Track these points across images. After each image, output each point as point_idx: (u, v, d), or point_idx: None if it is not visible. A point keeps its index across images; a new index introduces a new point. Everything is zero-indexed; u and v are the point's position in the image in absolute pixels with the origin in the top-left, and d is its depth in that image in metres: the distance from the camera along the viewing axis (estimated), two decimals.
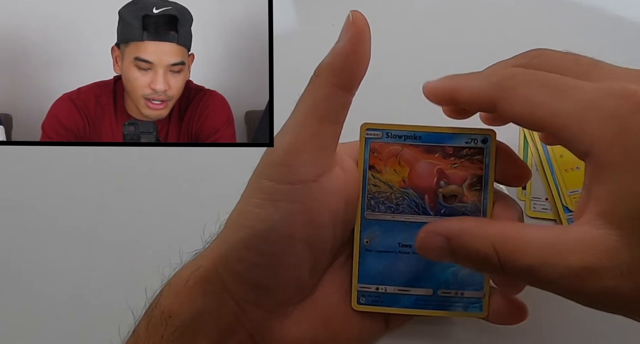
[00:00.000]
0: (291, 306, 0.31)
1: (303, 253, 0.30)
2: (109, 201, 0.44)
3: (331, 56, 0.28)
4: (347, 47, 0.28)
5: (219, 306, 0.30)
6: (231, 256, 0.30)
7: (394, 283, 0.32)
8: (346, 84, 0.28)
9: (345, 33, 0.28)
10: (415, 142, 0.32)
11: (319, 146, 0.29)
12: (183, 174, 0.44)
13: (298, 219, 0.29)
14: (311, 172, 0.29)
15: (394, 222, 0.32)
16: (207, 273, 0.30)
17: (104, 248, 0.42)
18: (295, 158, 0.28)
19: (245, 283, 0.30)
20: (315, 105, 0.28)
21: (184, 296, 0.30)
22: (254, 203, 0.29)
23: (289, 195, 0.28)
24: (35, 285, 0.42)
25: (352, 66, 0.28)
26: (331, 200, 0.30)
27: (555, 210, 0.41)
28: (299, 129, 0.28)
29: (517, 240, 0.25)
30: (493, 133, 0.32)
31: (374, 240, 0.32)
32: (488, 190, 0.32)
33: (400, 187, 0.32)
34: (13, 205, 0.44)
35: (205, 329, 0.30)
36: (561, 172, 0.42)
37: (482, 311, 0.32)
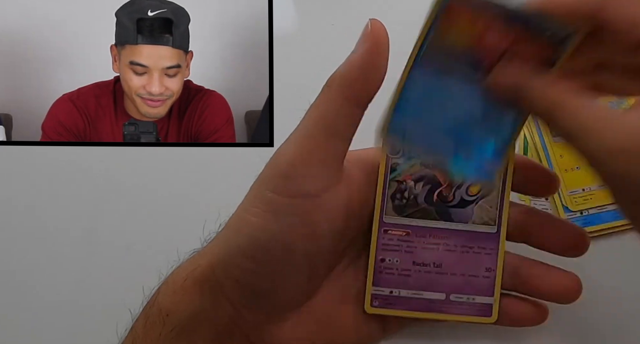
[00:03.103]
0: (288, 312, 0.31)
1: (301, 264, 0.29)
2: (109, 201, 0.44)
3: (345, 66, 0.27)
4: (364, 57, 0.26)
5: (216, 308, 0.30)
6: (229, 262, 0.29)
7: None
8: (358, 98, 0.27)
9: (362, 43, 0.26)
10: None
11: (324, 161, 0.28)
12: (183, 174, 0.44)
13: (297, 231, 0.28)
14: (314, 186, 0.28)
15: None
16: (204, 274, 0.30)
17: (103, 248, 0.42)
18: (298, 172, 0.28)
19: (242, 288, 0.30)
20: (324, 118, 0.27)
21: (181, 295, 0.30)
22: (253, 212, 0.28)
23: (289, 208, 0.28)
24: (34, 284, 0.41)
25: (367, 79, 0.26)
26: (333, 213, 0.29)
27: (555, 210, 0.41)
28: (305, 142, 0.27)
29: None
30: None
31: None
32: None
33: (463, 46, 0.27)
34: (13, 205, 0.44)
35: (202, 329, 0.30)
36: (561, 172, 0.42)
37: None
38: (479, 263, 0.32)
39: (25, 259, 0.42)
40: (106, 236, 0.43)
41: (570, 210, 0.41)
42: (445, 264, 0.32)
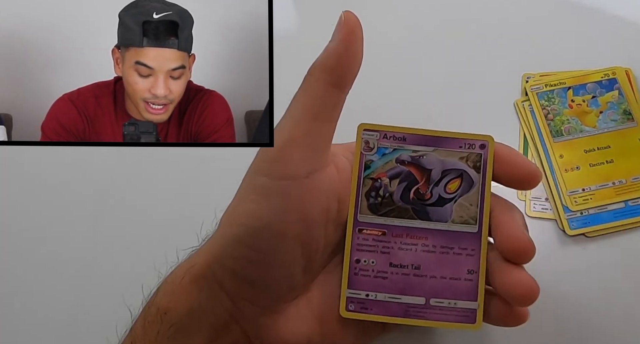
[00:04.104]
0: (285, 304, 0.31)
1: (295, 251, 0.30)
2: (109, 201, 0.44)
3: (324, 55, 0.29)
4: (340, 45, 0.28)
5: (214, 303, 0.30)
6: (225, 253, 0.30)
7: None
8: (339, 82, 0.29)
9: (337, 33, 0.28)
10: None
11: (312, 143, 0.29)
12: (183, 174, 0.44)
13: (290, 216, 0.29)
14: (303, 168, 0.29)
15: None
16: (202, 270, 0.30)
17: (103, 247, 0.42)
18: (288, 155, 0.29)
19: (238, 279, 0.30)
20: (309, 103, 0.29)
21: (179, 293, 0.30)
22: (248, 199, 0.29)
23: (281, 191, 0.29)
24: (34, 284, 0.42)
25: (345, 64, 0.28)
26: (323, 197, 0.30)
27: (555, 210, 0.41)
28: (292, 127, 0.29)
29: None
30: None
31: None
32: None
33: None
34: (13, 204, 0.44)
35: (199, 326, 0.30)
36: (561, 172, 0.42)
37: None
38: (460, 265, 0.31)
39: (25, 259, 0.42)
40: (106, 235, 0.43)
41: (570, 210, 0.41)
42: (424, 266, 0.31)
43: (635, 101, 0.43)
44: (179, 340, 0.30)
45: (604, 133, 0.43)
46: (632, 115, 0.43)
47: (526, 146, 0.44)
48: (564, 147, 0.43)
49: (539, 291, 0.29)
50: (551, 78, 0.45)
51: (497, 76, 0.46)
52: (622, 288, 0.39)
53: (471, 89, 0.45)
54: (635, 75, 0.44)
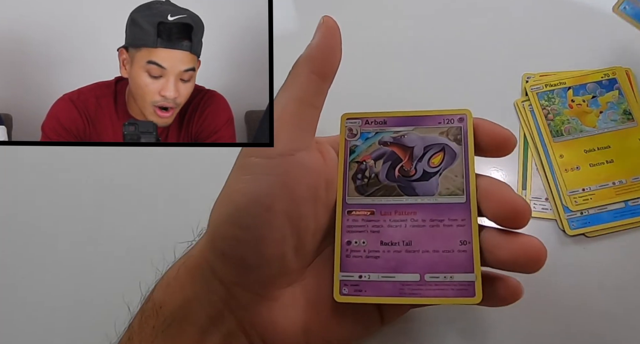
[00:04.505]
0: (279, 290, 0.31)
1: (284, 228, 0.30)
2: (109, 201, 0.44)
3: (307, 49, 0.32)
4: (321, 40, 0.31)
5: (208, 292, 0.31)
6: (215, 235, 0.31)
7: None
8: (322, 72, 0.31)
9: (318, 31, 0.32)
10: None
11: (298, 125, 0.31)
12: (183, 174, 0.44)
13: (277, 191, 0.30)
14: (288, 146, 0.30)
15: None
16: (196, 261, 0.31)
17: (103, 247, 0.42)
18: (276, 135, 0.30)
19: (230, 262, 0.30)
20: (295, 89, 0.31)
21: (174, 286, 0.31)
22: (236, 180, 0.31)
23: (268, 168, 0.30)
24: (34, 282, 0.42)
25: (326, 56, 0.31)
26: (308, 175, 0.31)
27: (555, 210, 0.41)
28: (280, 111, 0.30)
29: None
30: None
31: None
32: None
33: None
34: (13, 204, 0.44)
35: (193, 316, 0.30)
36: (561, 172, 0.42)
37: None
38: (452, 236, 0.30)
39: (25, 258, 0.42)
40: (106, 235, 0.43)
41: (570, 210, 0.41)
42: (416, 241, 0.30)
43: (635, 101, 0.43)
44: (173, 332, 0.30)
45: (604, 133, 0.43)
46: (632, 115, 0.43)
47: (526, 146, 0.44)
48: (564, 147, 0.43)
49: (546, 251, 0.28)
50: (551, 78, 0.45)
51: (497, 76, 0.46)
52: (623, 288, 0.39)
53: (471, 89, 0.45)
54: (635, 75, 0.44)
